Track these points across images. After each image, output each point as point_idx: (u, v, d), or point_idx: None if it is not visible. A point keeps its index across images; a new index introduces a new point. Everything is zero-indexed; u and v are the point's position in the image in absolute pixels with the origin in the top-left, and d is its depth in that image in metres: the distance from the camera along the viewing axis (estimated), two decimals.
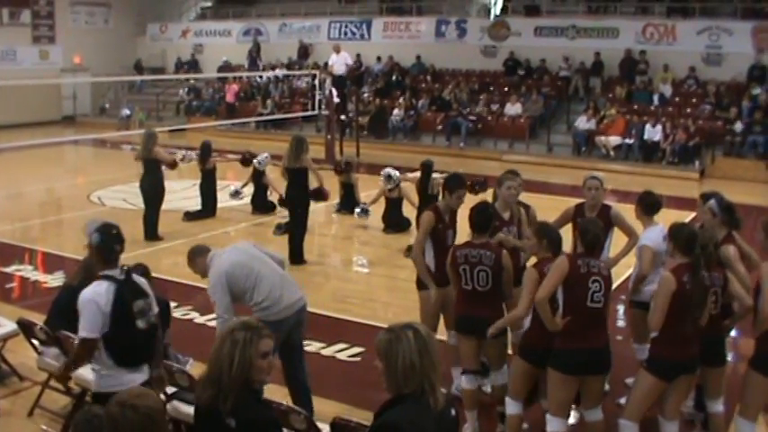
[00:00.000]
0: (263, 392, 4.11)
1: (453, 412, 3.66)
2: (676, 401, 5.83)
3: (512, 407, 6.22)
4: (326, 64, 26.37)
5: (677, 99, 23.83)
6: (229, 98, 29.42)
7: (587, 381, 5.80)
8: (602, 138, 22.57)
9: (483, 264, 6.34)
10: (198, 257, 6.53)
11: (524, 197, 7.66)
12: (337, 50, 26.16)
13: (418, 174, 12.62)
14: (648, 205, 7.12)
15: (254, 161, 15.48)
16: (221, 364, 3.80)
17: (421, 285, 7.21)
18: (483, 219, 6.54)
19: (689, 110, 23.05)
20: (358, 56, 29.19)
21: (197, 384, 3.98)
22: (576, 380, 5.75)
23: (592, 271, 5.62)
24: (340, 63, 25.47)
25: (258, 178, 15.52)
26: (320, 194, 12.62)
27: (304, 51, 30.50)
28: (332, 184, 15.69)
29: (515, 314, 6.12)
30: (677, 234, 5.78)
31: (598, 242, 5.89)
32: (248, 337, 3.84)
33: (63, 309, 7.10)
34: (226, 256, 6.41)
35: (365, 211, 14.45)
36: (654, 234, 6.73)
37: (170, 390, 6.07)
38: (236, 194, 15.86)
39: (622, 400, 6.56)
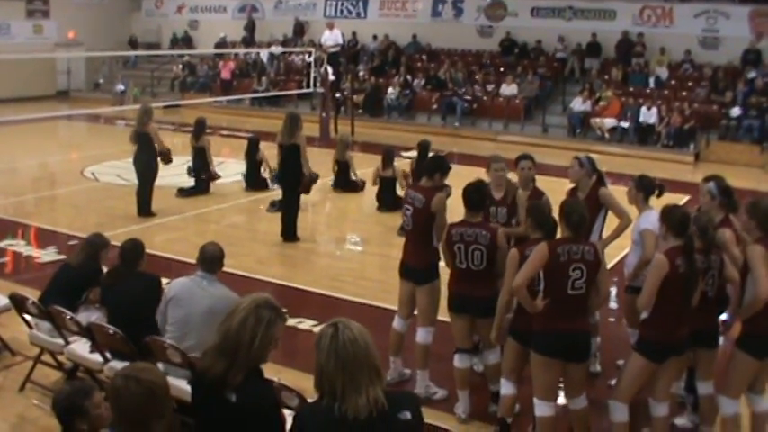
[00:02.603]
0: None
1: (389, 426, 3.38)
2: (666, 383, 5.84)
3: (505, 387, 6.26)
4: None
5: (673, 82, 23.81)
6: (225, 75, 29.29)
7: (569, 368, 5.78)
8: (598, 120, 22.55)
9: (478, 243, 6.34)
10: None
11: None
12: (330, 27, 26.08)
13: (414, 153, 12.63)
14: (648, 188, 7.08)
15: None
16: (241, 338, 3.73)
17: (434, 274, 7.02)
18: (477, 197, 6.54)
19: (684, 93, 23.02)
20: (354, 34, 29.09)
21: (205, 354, 3.90)
22: (559, 363, 5.72)
23: (573, 258, 5.56)
24: (332, 40, 25.42)
25: (252, 155, 15.49)
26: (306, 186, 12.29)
27: (300, 29, 30.35)
28: (326, 162, 15.71)
29: (501, 300, 6.06)
30: (670, 216, 5.76)
31: (584, 222, 5.82)
32: (273, 317, 3.80)
33: (62, 287, 7.10)
34: (191, 286, 6.30)
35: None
36: (652, 217, 6.65)
37: (161, 366, 6.08)
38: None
39: (613, 382, 6.58)
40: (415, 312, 7.21)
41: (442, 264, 7.00)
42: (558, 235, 5.92)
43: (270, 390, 3.98)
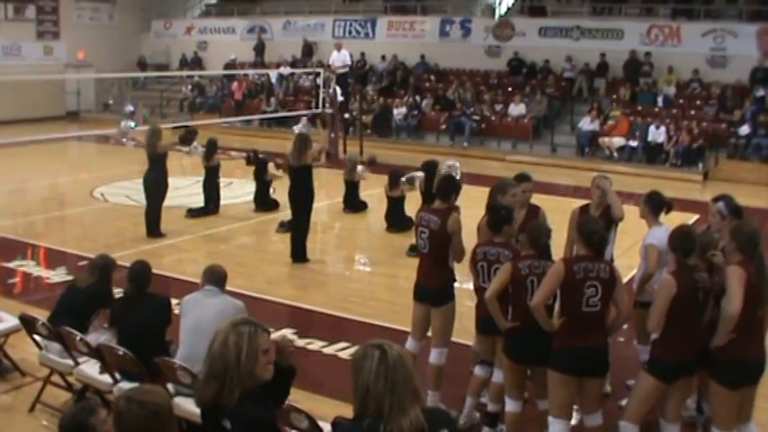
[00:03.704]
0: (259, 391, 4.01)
1: None
2: (677, 403, 5.83)
3: (509, 404, 6.32)
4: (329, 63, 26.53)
5: (681, 101, 23.80)
6: (238, 96, 29.43)
7: (585, 384, 5.78)
8: (606, 139, 22.55)
9: (500, 262, 6.38)
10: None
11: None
12: (338, 48, 26.18)
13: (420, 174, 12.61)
14: (656, 204, 7.08)
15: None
16: (227, 357, 3.73)
17: (449, 296, 7.05)
18: (496, 219, 6.60)
19: (693, 112, 23.03)
20: (362, 54, 29.21)
21: (198, 383, 3.93)
22: (575, 381, 5.74)
23: (589, 276, 5.59)
24: (340, 61, 25.52)
25: (261, 175, 15.51)
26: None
27: (308, 49, 30.49)
28: (335, 182, 15.75)
29: (489, 305, 6.08)
30: (673, 237, 5.80)
31: (605, 243, 5.88)
32: (252, 330, 3.81)
33: (71, 309, 7.10)
34: (199, 296, 6.47)
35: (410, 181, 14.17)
36: (659, 233, 6.67)
37: (171, 387, 6.08)
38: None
39: (624, 402, 6.55)
40: (429, 334, 7.21)
41: (457, 285, 7.06)
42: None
43: (263, 410, 3.90)
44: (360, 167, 15.57)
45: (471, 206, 7.83)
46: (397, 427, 3.31)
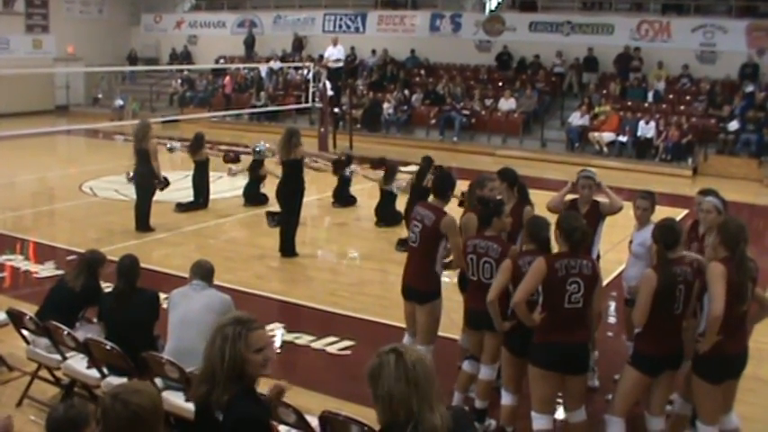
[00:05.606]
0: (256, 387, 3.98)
1: None
2: (661, 397, 5.85)
3: (505, 397, 6.32)
4: (322, 56, 26.47)
5: (671, 96, 23.86)
6: (229, 90, 29.39)
7: (567, 381, 5.79)
8: (596, 134, 22.59)
9: (489, 255, 6.39)
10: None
11: None
12: (335, 43, 26.15)
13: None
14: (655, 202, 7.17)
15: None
16: (213, 360, 3.78)
17: (435, 294, 7.01)
18: (485, 212, 6.63)
19: (682, 107, 23.10)
20: (352, 49, 29.18)
21: (192, 382, 3.93)
22: (556, 376, 5.74)
23: (571, 273, 5.59)
24: (335, 56, 25.49)
25: (255, 170, 15.49)
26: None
27: (298, 44, 30.47)
28: (325, 177, 15.73)
29: (490, 305, 6.03)
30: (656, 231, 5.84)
31: (586, 239, 5.88)
32: (237, 332, 3.80)
33: (60, 305, 7.07)
34: (187, 290, 6.48)
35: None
36: None
37: (159, 381, 6.07)
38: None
39: (611, 396, 6.57)
40: None
41: (446, 279, 7.06)
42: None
43: (255, 406, 3.91)
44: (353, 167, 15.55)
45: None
46: (429, 425, 3.27)
